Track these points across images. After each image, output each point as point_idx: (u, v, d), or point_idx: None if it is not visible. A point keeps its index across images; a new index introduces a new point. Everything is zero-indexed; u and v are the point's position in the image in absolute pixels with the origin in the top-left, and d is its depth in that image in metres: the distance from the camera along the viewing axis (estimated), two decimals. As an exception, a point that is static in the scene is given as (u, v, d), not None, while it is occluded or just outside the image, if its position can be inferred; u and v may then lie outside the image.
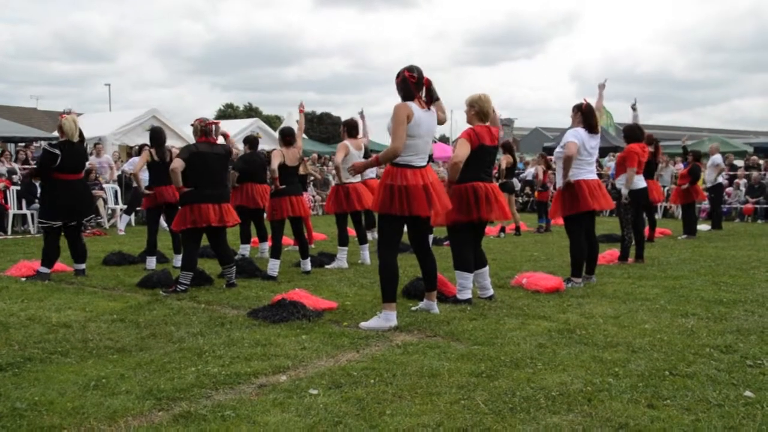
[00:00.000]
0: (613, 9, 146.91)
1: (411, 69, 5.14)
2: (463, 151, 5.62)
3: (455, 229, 5.85)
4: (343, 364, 4.00)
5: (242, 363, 4.00)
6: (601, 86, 7.55)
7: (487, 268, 6.05)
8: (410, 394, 3.45)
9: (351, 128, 8.47)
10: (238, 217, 7.07)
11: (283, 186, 7.53)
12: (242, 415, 3.15)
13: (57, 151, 7.13)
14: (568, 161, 6.74)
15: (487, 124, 5.85)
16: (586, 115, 6.86)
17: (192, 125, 6.95)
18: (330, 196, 8.67)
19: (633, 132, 8.65)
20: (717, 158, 14.50)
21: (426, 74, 5.20)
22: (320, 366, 3.98)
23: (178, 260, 8.28)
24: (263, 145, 15.18)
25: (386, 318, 5.01)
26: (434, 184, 5.19)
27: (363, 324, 5.03)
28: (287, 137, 7.75)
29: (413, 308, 5.49)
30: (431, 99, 5.23)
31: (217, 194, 6.70)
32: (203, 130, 6.81)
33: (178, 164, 6.56)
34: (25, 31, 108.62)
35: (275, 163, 7.52)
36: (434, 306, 5.44)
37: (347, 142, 8.29)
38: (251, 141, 9.37)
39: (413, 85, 5.10)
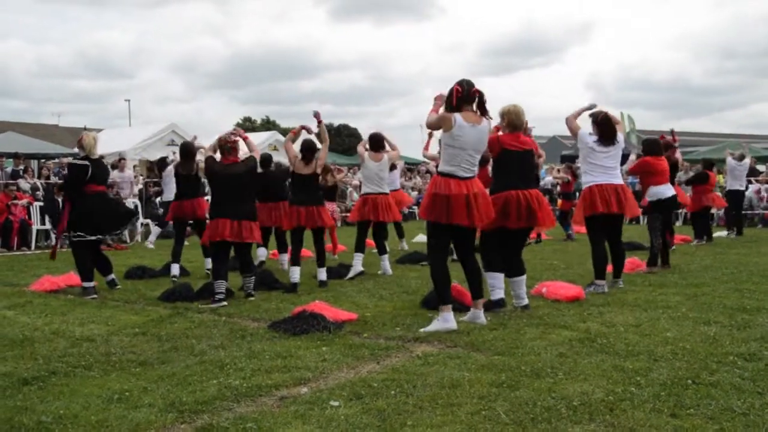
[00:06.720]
0: (628, 17, 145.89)
1: (460, 83, 5.27)
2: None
3: (487, 233, 5.88)
4: (363, 376, 4.01)
5: (263, 375, 4.02)
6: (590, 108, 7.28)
7: (524, 277, 6.00)
8: (431, 405, 3.45)
9: (373, 143, 8.63)
10: (260, 237, 7.12)
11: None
12: (264, 428, 3.17)
13: (87, 163, 7.18)
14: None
15: (516, 133, 5.91)
16: (600, 126, 6.87)
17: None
18: (356, 205, 8.83)
19: (651, 146, 8.63)
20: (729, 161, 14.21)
21: (448, 84, 5.31)
22: (341, 377, 4.00)
23: (208, 263, 8.34)
24: (280, 157, 15.22)
25: (444, 320, 5.10)
26: (477, 195, 5.24)
27: (423, 329, 5.11)
28: (305, 152, 7.58)
29: (460, 319, 5.38)
30: (483, 110, 5.29)
31: (235, 211, 6.66)
32: (222, 149, 6.87)
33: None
34: (47, 50, 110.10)
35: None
36: (480, 315, 5.39)
37: (366, 153, 8.42)
38: (262, 160, 9.38)
39: (458, 98, 5.20)
